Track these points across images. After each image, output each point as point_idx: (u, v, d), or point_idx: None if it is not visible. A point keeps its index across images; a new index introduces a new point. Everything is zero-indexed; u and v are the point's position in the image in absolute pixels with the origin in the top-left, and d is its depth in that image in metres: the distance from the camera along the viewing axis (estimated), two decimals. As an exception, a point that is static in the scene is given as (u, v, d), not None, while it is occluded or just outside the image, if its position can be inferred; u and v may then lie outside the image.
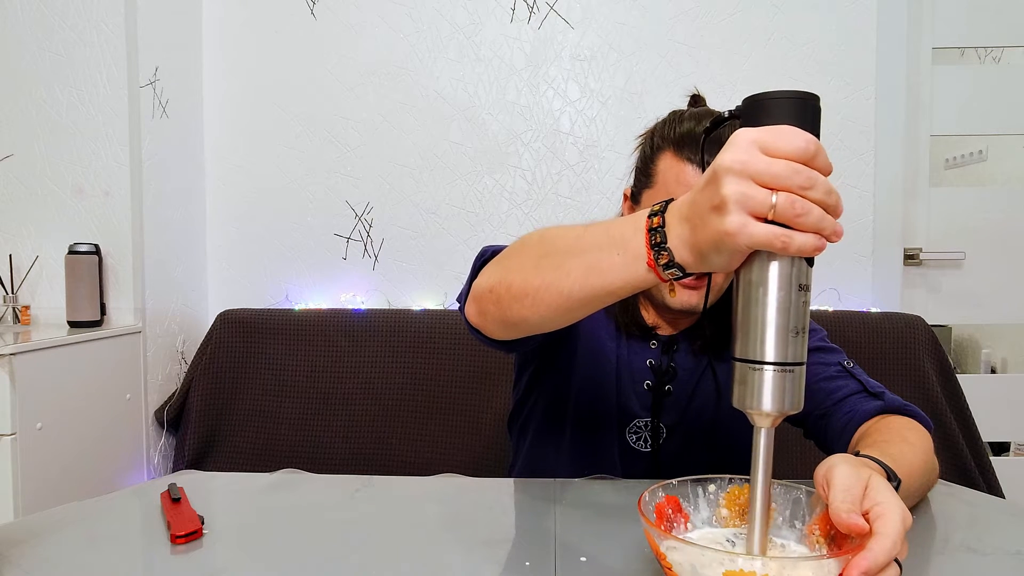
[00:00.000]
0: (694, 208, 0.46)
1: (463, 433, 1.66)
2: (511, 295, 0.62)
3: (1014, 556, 0.61)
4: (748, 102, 0.46)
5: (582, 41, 1.86)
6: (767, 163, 0.42)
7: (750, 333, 0.45)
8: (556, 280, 0.57)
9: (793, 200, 0.42)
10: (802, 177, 0.42)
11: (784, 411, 0.45)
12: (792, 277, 0.45)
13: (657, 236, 0.49)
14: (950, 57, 2.00)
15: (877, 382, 0.85)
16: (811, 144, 0.42)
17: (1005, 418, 1.84)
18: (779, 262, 0.44)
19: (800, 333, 0.45)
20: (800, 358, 0.45)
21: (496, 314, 0.66)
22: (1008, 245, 1.84)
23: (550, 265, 0.58)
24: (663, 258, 0.48)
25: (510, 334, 0.69)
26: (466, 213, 1.89)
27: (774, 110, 0.44)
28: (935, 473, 0.75)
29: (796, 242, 0.42)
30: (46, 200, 1.66)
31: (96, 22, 1.62)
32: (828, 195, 0.43)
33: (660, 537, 0.47)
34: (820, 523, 0.51)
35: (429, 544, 0.65)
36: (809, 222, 0.42)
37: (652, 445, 0.93)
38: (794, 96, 0.44)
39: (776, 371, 0.45)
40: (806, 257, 0.45)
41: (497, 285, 0.64)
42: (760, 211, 0.42)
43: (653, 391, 0.93)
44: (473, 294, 0.69)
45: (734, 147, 0.43)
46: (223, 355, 1.74)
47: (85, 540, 0.66)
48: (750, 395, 0.46)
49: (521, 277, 0.61)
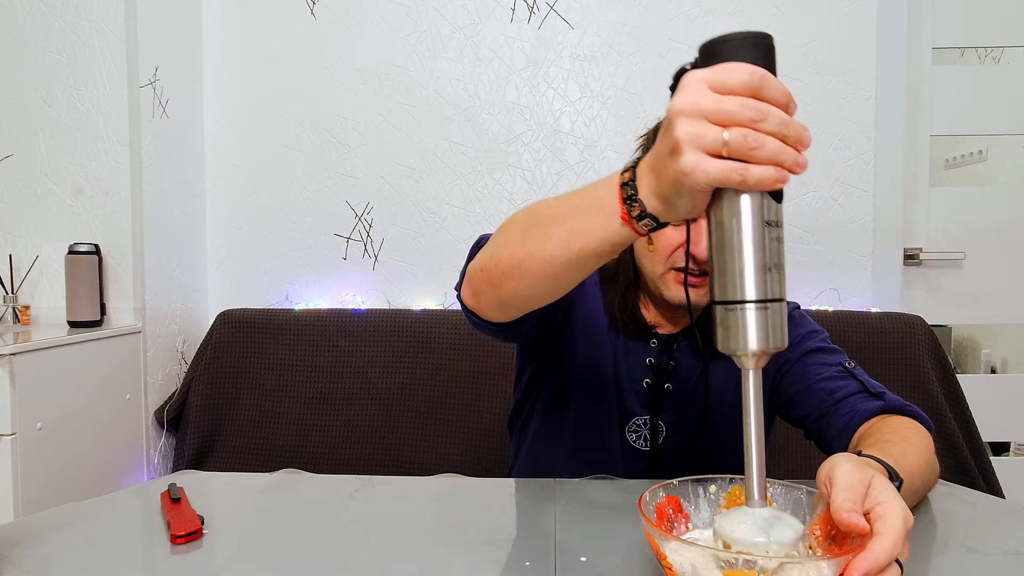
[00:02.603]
0: (656, 156, 0.47)
1: (463, 433, 1.66)
2: (501, 270, 0.63)
3: (1014, 556, 0.61)
4: (702, 49, 0.46)
5: (582, 41, 1.86)
6: (716, 100, 0.42)
7: (726, 274, 0.45)
8: (540, 248, 0.58)
9: (746, 134, 0.42)
10: (752, 110, 0.42)
11: (769, 348, 0.45)
12: (759, 213, 0.44)
13: (629, 190, 0.50)
14: (950, 57, 2.00)
15: (878, 383, 0.85)
16: (756, 75, 0.42)
17: (1005, 418, 1.84)
18: (744, 199, 0.44)
19: (774, 269, 0.45)
20: (778, 294, 0.45)
21: (489, 293, 0.67)
22: (1008, 245, 1.84)
23: (534, 235, 0.59)
24: (635, 209, 0.49)
25: (505, 313, 0.70)
26: (466, 213, 1.89)
27: (726, 52, 0.45)
28: (936, 473, 0.75)
29: (753, 174, 0.42)
30: (46, 200, 1.66)
31: (96, 22, 1.62)
32: (784, 126, 0.42)
33: (660, 537, 0.47)
34: (821, 523, 0.51)
35: (429, 544, 0.65)
36: (764, 154, 0.42)
37: (651, 443, 0.93)
38: (744, 36, 0.45)
39: (755, 309, 0.45)
40: (772, 193, 0.45)
41: (487, 263, 0.65)
42: (714, 148, 0.42)
43: (652, 389, 0.93)
44: (467, 276, 0.71)
45: (684, 89, 0.44)
46: (223, 355, 1.74)
47: (85, 540, 0.66)
48: (733, 336, 0.46)
49: (508, 251, 0.62)
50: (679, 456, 0.93)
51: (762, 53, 0.45)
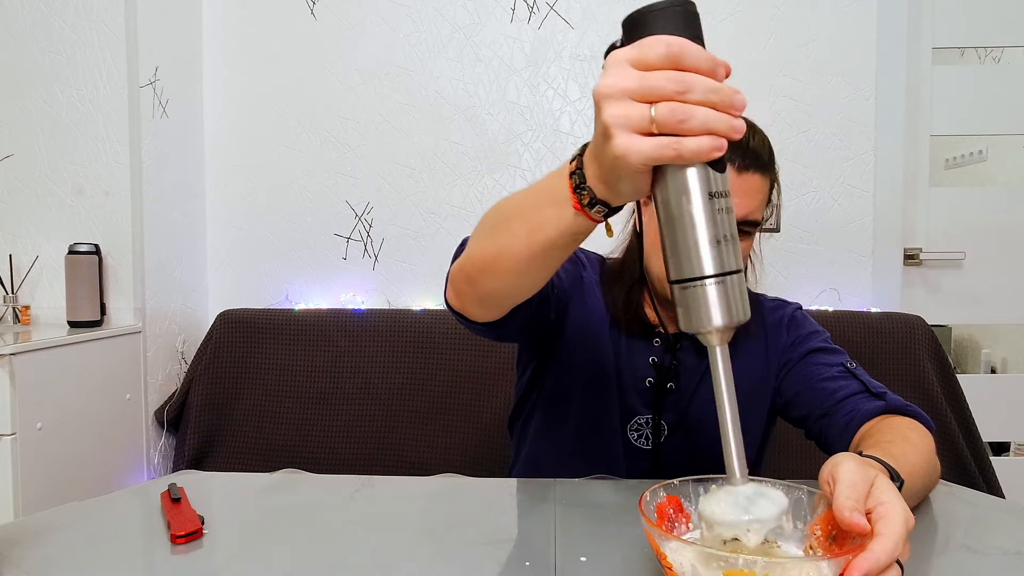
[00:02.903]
0: (594, 142, 0.47)
1: (463, 433, 1.66)
2: (476, 269, 0.64)
3: (1014, 556, 0.61)
4: (624, 24, 0.45)
5: (582, 41, 1.86)
6: (638, 77, 0.41)
7: (678, 252, 0.45)
8: (507, 245, 0.58)
9: (673, 107, 0.41)
10: (675, 83, 0.41)
11: (732, 323, 0.44)
12: (703, 186, 0.43)
13: (577, 178, 0.50)
14: (950, 57, 2.00)
15: (879, 383, 0.85)
16: (673, 45, 0.41)
17: (1005, 418, 1.84)
18: (685, 174, 0.43)
19: (725, 241, 0.44)
20: (734, 266, 0.44)
21: (469, 292, 0.68)
22: (1008, 245, 1.84)
23: (501, 231, 0.60)
24: (585, 197, 0.49)
25: (488, 311, 0.70)
26: (466, 213, 1.89)
27: (645, 25, 0.44)
28: (937, 473, 0.75)
29: (688, 147, 0.41)
30: (46, 200, 1.66)
31: (96, 22, 1.62)
32: (713, 93, 0.41)
33: (660, 537, 0.47)
34: (822, 523, 0.51)
35: (429, 544, 0.65)
36: (695, 125, 0.41)
37: (653, 443, 0.93)
38: (660, 6, 0.44)
39: (714, 284, 0.44)
40: (713, 164, 0.43)
41: (465, 263, 0.66)
42: (643, 127, 0.41)
43: (654, 388, 0.93)
44: (449, 279, 0.71)
45: (606, 71, 0.43)
46: (223, 355, 1.74)
47: (85, 540, 0.66)
48: (695, 315, 0.45)
49: (480, 249, 0.63)
50: (681, 456, 0.93)
51: (681, 21, 0.44)
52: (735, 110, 0.42)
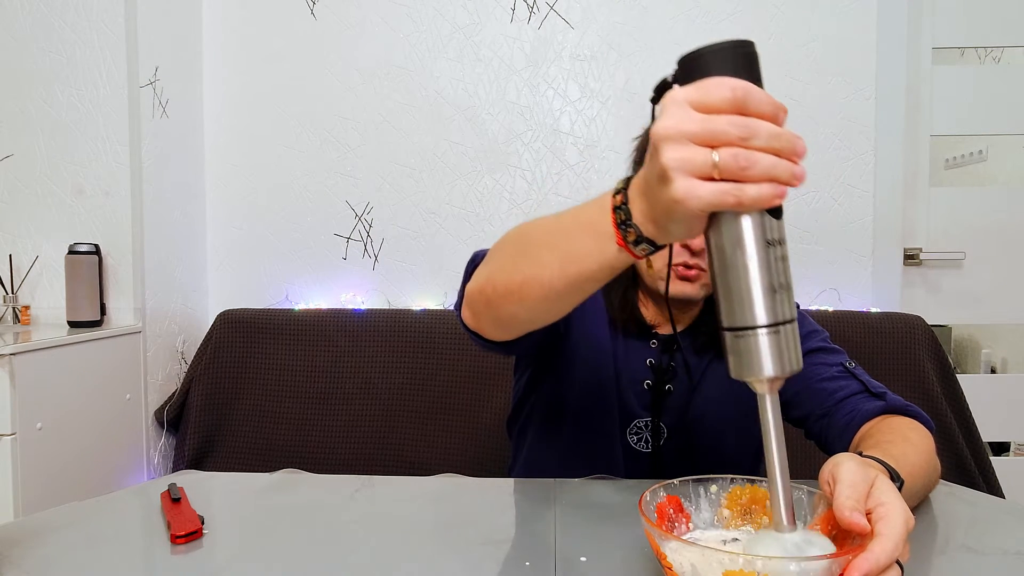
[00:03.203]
0: (646, 181, 0.45)
1: (463, 433, 1.66)
2: (498, 294, 0.62)
3: (1014, 556, 0.61)
4: (680, 62, 0.44)
5: (582, 41, 1.86)
6: (700, 120, 0.40)
7: (731, 299, 0.44)
8: (536, 273, 0.57)
9: (736, 153, 0.40)
10: (739, 128, 0.40)
11: (783, 374, 0.44)
12: (759, 234, 0.42)
13: (622, 214, 0.48)
14: (950, 57, 2.00)
15: (879, 383, 0.85)
16: (738, 89, 0.40)
17: (1005, 418, 1.84)
18: (741, 220, 0.42)
19: (780, 290, 0.43)
20: (787, 316, 0.43)
21: (488, 315, 0.67)
22: (1008, 245, 1.84)
23: (529, 259, 0.58)
24: (631, 234, 0.48)
25: (506, 333, 0.69)
26: (466, 213, 1.89)
27: (705, 66, 0.42)
28: (937, 474, 0.75)
29: (749, 194, 0.40)
30: (46, 200, 1.66)
31: (96, 22, 1.62)
32: (776, 139, 0.40)
33: (660, 537, 0.47)
34: (822, 523, 0.51)
35: (429, 544, 0.65)
36: (757, 173, 0.40)
37: (652, 446, 0.93)
38: (723, 46, 0.42)
39: (765, 334, 0.43)
40: (771, 210, 0.42)
41: (484, 285, 0.64)
42: (704, 171, 0.40)
43: (653, 391, 0.92)
44: (466, 298, 0.70)
45: (666, 111, 0.42)
46: (223, 355, 1.74)
47: (85, 540, 0.66)
48: (746, 364, 0.44)
49: (505, 275, 0.61)
50: (681, 458, 0.93)
51: (743, 63, 0.42)
52: (797, 156, 0.41)
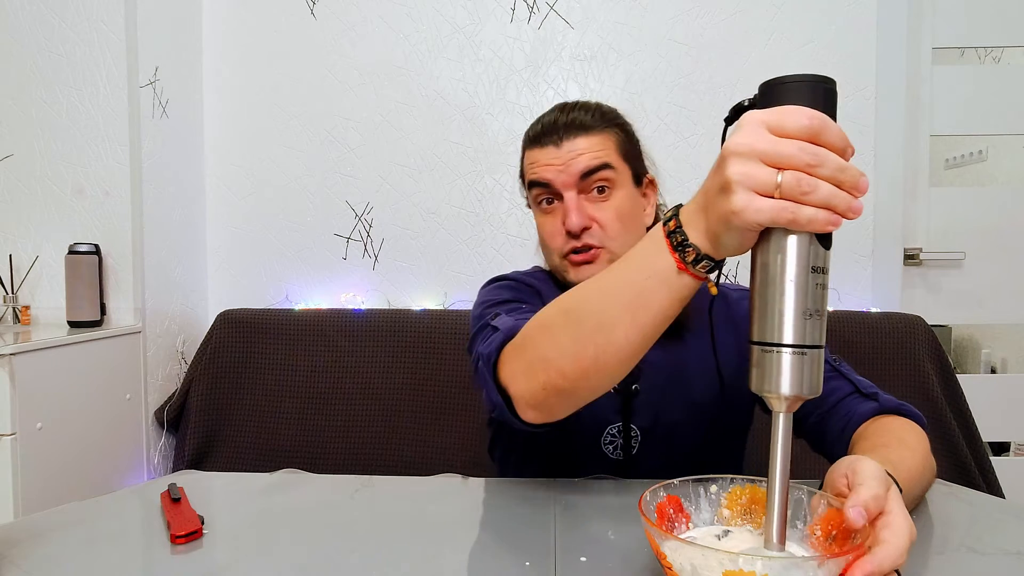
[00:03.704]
0: (706, 194, 0.47)
1: (463, 433, 1.66)
2: (570, 380, 0.60)
3: (1014, 556, 0.61)
4: (763, 88, 0.46)
5: (582, 41, 1.86)
6: (772, 142, 0.42)
7: (765, 315, 0.45)
8: (607, 339, 0.56)
9: (800, 178, 0.42)
10: (808, 155, 0.42)
11: (801, 395, 0.45)
12: (805, 257, 0.44)
13: (678, 236, 0.50)
14: (950, 57, 2.00)
15: (867, 380, 0.84)
16: (816, 120, 0.42)
17: (1005, 418, 1.84)
18: (791, 241, 0.44)
19: (815, 315, 0.44)
20: (816, 341, 0.45)
21: (563, 403, 0.65)
22: (1008, 245, 1.84)
23: (592, 328, 0.57)
24: (690, 255, 0.49)
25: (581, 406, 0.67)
26: (466, 213, 1.89)
27: (786, 94, 0.45)
28: (933, 473, 0.75)
29: (804, 215, 0.42)
30: (46, 200, 1.66)
31: (96, 22, 1.62)
32: (841, 172, 0.42)
33: (660, 537, 0.47)
34: (822, 523, 0.51)
35: (429, 544, 0.65)
36: (817, 199, 0.42)
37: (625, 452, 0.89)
38: (806, 79, 0.45)
39: (792, 354, 0.44)
40: (821, 238, 0.44)
41: (548, 380, 0.62)
42: (765, 189, 0.42)
43: (620, 392, 0.88)
44: (527, 402, 0.67)
45: (741, 129, 0.44)
46: (223, 355, 1.74)
47: (85, 540, 0.66)
48: (767, 379, 0.45)
49: (570, 357, 0.59)
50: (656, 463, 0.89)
51: (822, 97, 0.44)
52: (858, 192, 0.43)
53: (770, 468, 0.46)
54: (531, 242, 1.88)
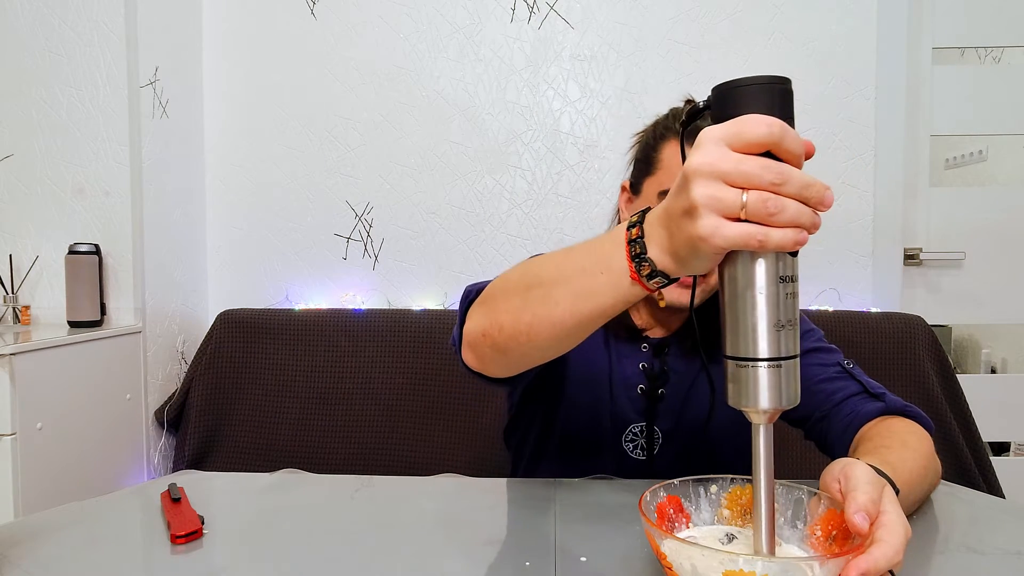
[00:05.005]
0: (669, 214, 0.46)
1: (463, 433, 1.66)
2: (505, 336, 0.61)
3: (1014, 556, 0.61)
4: (715, 92, 0.45)
5: (582, 41, 1.86)
6: (735, 161, 0.41)
7: (737, 330, 0.45)
8: (546, 312, 0.56)
9: (765, 198, 0.41)
10: (772, 174, 0.41)
11: (780, 407, 0.45)
12: (773, 269, 0.43)
13: (637, 247, 0.49)
14: (950, 57, 2.00)
15: (877, 383, 0.84)
16: (775, 128, 0.41)
17: (1005, 418, 1.84)
18: (759, 258, 0.44)
19: (787, 326, 0.44)
20: (791, 352, 0.45)
21: (495, 357, 0.66)
22: (1008, 245, 1.84)
23: (537, 298, 0.57)
24: (645, 268, 0.48)
25: (513, 372, 0.68)
26: (466, 213, 1.89)
27: (740, 99, 0.43)
28: (937, 476, 0.75)
29: (773, 239, 0.41)
30: (46, 200, 1.66)
31: (96, 22, 1.62)
32: (806, 188, 0.41)
33: (660, 537, 0.47)
34: (821, 523, 0.51)
35: (429, 544, 0.65)
36: (784, 219, 0.41)
37: (647, 453, 0.92)
38: (760, 81, 0.43)
39: (767, 367, 0.44)
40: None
41: (489, 328, 0.63)
42: (731, 212, 0.41)
43: (646, 395, 0.91)
44: (466, 341, 0.69)
45: (700, 148, 0.43)
46: (223, 355, 1.74)
47: (85, 540, 0.66)
48: (744, 393, 0.45)
49: (511, 316, 0.60)
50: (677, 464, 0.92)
51: (778, 100, 0.43)
52: (824, 207, 0.42)
53: (754, 480, 0.46)
54: (531, 242, 1.89)
